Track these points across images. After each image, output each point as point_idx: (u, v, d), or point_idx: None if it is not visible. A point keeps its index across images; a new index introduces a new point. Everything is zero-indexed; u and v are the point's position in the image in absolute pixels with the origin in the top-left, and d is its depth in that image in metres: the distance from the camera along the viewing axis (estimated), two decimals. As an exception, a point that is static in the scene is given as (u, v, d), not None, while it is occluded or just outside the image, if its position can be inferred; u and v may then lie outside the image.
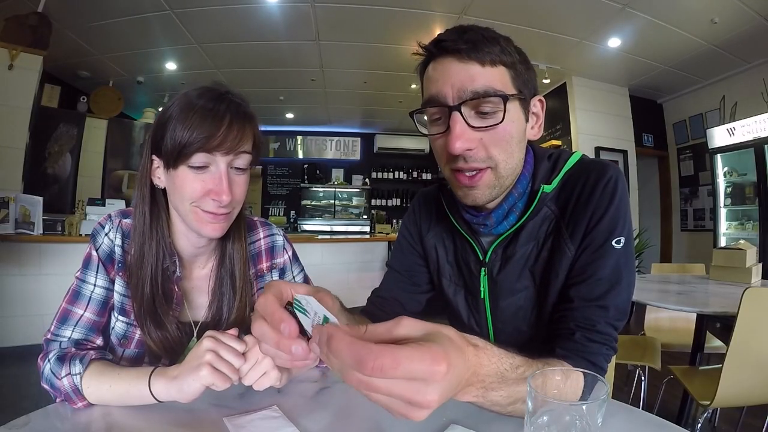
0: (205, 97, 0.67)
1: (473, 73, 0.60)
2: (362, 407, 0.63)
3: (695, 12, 3.40)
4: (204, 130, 0.65)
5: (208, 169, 0.68)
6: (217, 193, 0.67)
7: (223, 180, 0.67)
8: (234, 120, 0.67)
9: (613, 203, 0.65)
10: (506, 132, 0.63)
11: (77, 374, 0.63)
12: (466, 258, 0.78)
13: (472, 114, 0.62)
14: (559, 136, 5.09)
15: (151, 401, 0.60)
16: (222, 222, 0.71)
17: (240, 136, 0.68)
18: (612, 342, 0.63)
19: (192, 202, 0.68)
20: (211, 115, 0.65)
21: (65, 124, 4.53)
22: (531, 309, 0.73)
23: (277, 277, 0.87)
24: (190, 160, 0.66)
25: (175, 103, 0.68)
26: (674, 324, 2.19)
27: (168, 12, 3.59)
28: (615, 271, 0.64)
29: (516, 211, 0.71)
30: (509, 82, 0.63)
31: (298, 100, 6.07)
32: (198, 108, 0.66)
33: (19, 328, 2.98)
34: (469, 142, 0.61)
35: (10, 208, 3.00)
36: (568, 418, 0.38)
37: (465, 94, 0.60)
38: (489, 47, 0.61)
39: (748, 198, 4.20)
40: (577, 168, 0.70)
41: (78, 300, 0.73)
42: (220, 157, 0.67)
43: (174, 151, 0.66)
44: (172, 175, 0.68)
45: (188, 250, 0.78)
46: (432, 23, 3.78)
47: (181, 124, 0.65)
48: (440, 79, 0.62)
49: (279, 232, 0.90)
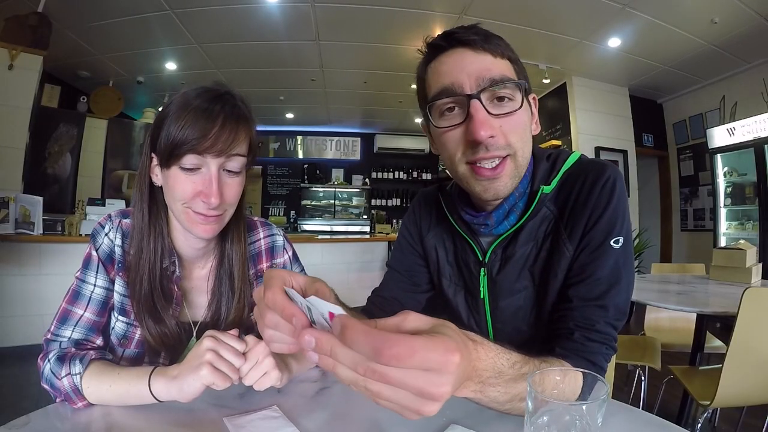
0: (202, 97, 0.67)
1: (488, 63, 0.63)
2: (362, 407, 0.63)
3: (695, 12, 3.40)
4: (195, 131, 0.64)
5: (199, 171, 0.67)
6: (206, 195, 0.67)
7: (213, 182, 0.67)
8: (227, 121, 0.66)
9: (611, 203, 0.65)
10: (522, 120, 0.65)
11: (77, 374, 0.63)
12: (466, 258, 0.78)
13: (489, 103, 0.63)
14: (559, 136, 5.09)
15: (151, 401, 0.60)
16: (213, 223, 0.70)
17: (232, 138, 0.67)
18: (611, 341, 0.63)
19: (183, 202, 0.68)
20: (204, 116, 0.65)
21: (65, 124, 4.53)
22: (530, 309, 0.73)
23: None
24: (181, 161, 0.66)
25: (174, 102, 0.68)
26: (674, 324, 2.19)
27: (168, 12, 3.59)
28: (614, 271, 0.64)
29: (516, 210, 0.71)
30: (515, 76, 0.65)
31: (298, 100, 6.06)
32: (192, 108, 0.65)
33: (19, 328, 2.98)
34: (492, 129, 0.62)
35: (10, 208, 3.00)
36: (568, 418, 0.38)
37: (483, 81, 0.61)
38: (497, 41, 0.64)
39: (748, 198, 4.19)
40: (576, 168, 0.71)
41: (78, 300, 0.73)
42: (210, 159, 0.66)
43: (167, 150, 0.66)
44: (165, 174, 0.69)
45: (187, 251, 0.78)
46: (432, 23, 3.78)
47: (174, 124, 0.65)
48: (454, 70, 0.63)
49: (279, 232, 0.90)
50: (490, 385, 0.45)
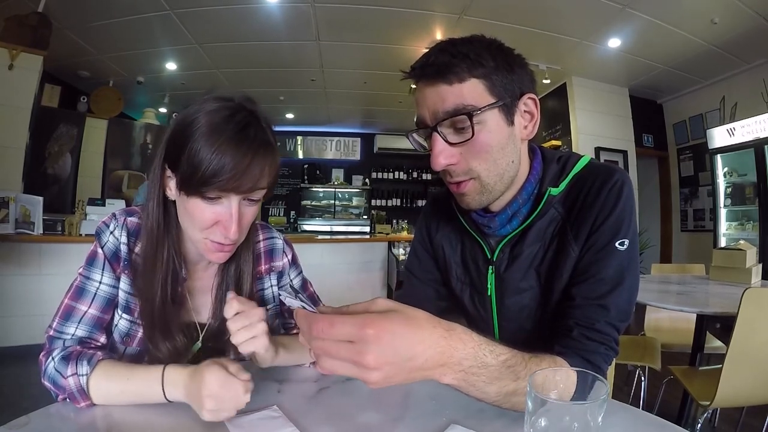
0: (232, 122, 0.63)
1: (443, 94, 0.63)
2: (362, 407, 0.63)
3: (695, 12, 3.40)
4: (226, 167, 0.61)
5: (220, 201, 0.66)
6: (225, 227, 0.66)
7: (234, 216, 0.65)
8: (257, 156, 0.64)
9: (618, 205, 0.65)
10: (483, 143, 0.64)
11: (84, 375, 0.63)
12: (475, 256, 0.80)
13: (450, 132, 0.64)
14: (559, 136, 5.08)
15: (162, 401, 0.62)
16: (228, 252, 0.70)
17: (260, 174, 0.65)
18: (611, 342, 0.63)
19: (201, 231, 0.67)
20: (236, 150, 0.62)
21: (65, 124, 4.53)
22: (536, 308, 0.74)
23: (275, 280, 0.88)
24: (204, 192, 0.64)
25: (200, 121, 0.63)
26: (674, 324, 2.19)
27: (168, 12, 3.59)
28: (618, 272, 0.64)
29: (519, 216, 0.72)
30: (484, 92, 0.63)
31: (298, 100, 6.06)
32: (225, 138, 0.62)
33: (19, 328, 2.98)
34: (450, 158, 0.65)
35: (10, 208, 3.00)
36: (568, 418, 0.38)
37: (438, 115, 0.64)
38: (456, 65, 0.62)
39: (748, 198, 4.19)
40: (586, 171, 0.71)
41: (82, 296, 0.72)
42: (233, 194, 0.65)
43: (191, 176, 0.63)
44: (183, 198, 0.67)
45: (194, 253, 0.78)
46: (432, 23, 3.78)
47: (204, 151, 0.61)
48: (419, 104, 0.67)
49: (279, 235, 0.89)
50: (472, 374, 0.48)
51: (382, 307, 0.44)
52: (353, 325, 0.39)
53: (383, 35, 4.03)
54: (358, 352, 0.39)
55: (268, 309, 0.85)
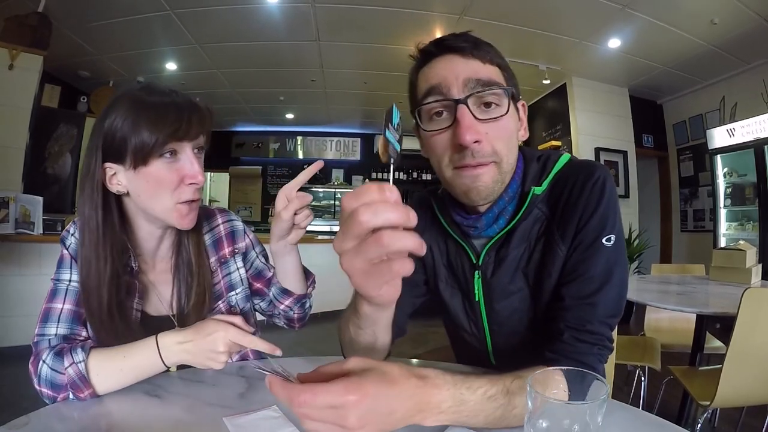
0: (154, 93, 0.71)
1: (476, 68, 0.64)
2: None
3: (695, 12, 3.40)
4: (172, 122, 0.69)
5: (177, 157, 0.71)
6: (192, 176, 0.72)
7: (194, 163, 0.73)
8: (189, 106, 0.72)
9: (602, 202, 0.65)
10: (508, 126, 0.65)
11: (81, 361, 0.64)
12: (460, 261, 0.78)
13: (476, 108, 0.64)
14: (559, 137, 5.09)
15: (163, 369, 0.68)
16: (195, 211, 0.76)
17: (200, 120, 0.73)
18: (604, 341, 0.63)
19: (172, 193, 0.71)
20: (172, 106, 0.70)
21: (65, 124, 4.52)
22: (526, 311, 0.73)
23: (240, 262, 0.91)
24: (162, 150, 0.69)
25: (121, 107, 0.70)
26: (674, 324, 2.19)
27: (168, 12, 3.59)
28: (606, 269, 0.64)
29: (506, 214, 0.71)
30: (504, 82, 0.66)
31: (298, 101, 6.06)
32: (154, 104, 0.69)
33: (19, 328, 2.98)
34: (477, 134, 0.62)
35: (10, 208, 3.00)
36: (568, 419, 0.38)
37: (471, 84, 0.63)
38: (486, 48, 0.66)
39: (748, 199, 4.19)
40: (566, 169, 0.71)
41: (56, 296, 0.75)
42: (186, 144, 0.72)
43: (144, 148, 0.68)
44: (142, 173, 0.70)
45: (149, 243, 0.80)
46: (432, 23, 3.78)
47: (144, 123, 0.68)
48: (443, 74, 0.65)
49: (237, 218, 0.94)
50: (453, 413, 0.48)
51: (356, 367, 0.44)
52: (335, 393, 0.40)
53: (383, 35, 4.03)
54: (341, 416, 0.40)
55: (237, 293, 0.89)
